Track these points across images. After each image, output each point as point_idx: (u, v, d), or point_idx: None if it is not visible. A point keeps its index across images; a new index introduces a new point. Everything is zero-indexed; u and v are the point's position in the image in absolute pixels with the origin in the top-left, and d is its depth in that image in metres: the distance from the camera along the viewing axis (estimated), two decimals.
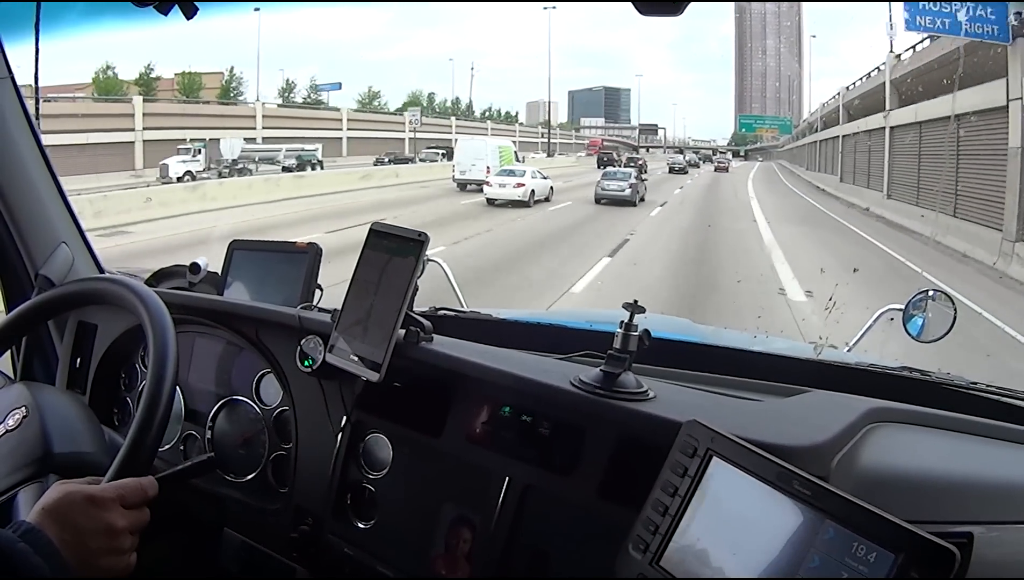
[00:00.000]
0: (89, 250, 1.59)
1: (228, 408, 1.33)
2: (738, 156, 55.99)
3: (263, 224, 12.71)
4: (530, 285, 8.54)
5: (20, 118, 1.47)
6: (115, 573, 0.81)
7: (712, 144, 63.00)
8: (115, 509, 0.82)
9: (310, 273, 1.44)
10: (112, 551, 0.81)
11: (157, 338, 1.05)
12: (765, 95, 66.46)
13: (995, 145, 12.34)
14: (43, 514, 0.79)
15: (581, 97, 76.04)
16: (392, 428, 1.13)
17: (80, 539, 0.78)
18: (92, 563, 0.79)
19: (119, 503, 0.83)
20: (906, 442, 0.94)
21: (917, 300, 1.42)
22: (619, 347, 0.96)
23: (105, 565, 0.80)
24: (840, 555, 0.66)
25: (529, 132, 54.73)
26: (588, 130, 65.00)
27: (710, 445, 0.77)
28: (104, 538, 0.80)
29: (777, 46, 64.41)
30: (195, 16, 1.19)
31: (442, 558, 1.04)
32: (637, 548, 0.77)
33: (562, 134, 60.52)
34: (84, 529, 0.79)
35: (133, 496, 0.85)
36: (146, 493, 0.87)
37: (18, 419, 1.08)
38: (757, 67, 66.72)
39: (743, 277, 8.81)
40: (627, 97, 76.52)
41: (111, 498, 0.83)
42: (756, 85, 66.90)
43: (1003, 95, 11.71)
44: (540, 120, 59.87)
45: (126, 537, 0.83)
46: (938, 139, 15.01)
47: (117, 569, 0.81)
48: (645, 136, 60.99)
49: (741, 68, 68.37)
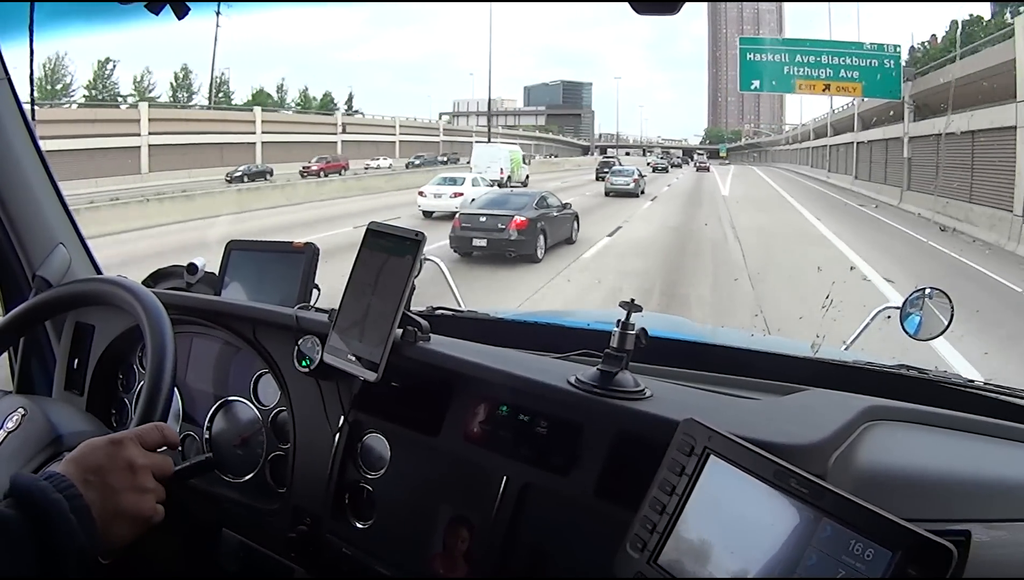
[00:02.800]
0: (86, 251, 1.59)
1: (226, 408, 1.33)
2: (717, 157, 52.87)
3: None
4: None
5: (17, 119, 1.47)
6: (140, 513, 0.81)
7: (684, 143, 60.57)
8: (134, 447, 0.83)
9: (307, 273, 1.44)
10: (135, 488, 0.81)
11: (155, 338, 1.05)
12: (742, 96, 65.14)
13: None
14: (67, 463, 0.80)
15: (537, 93, 69.57)
16: (390, 428, 1.13)
17: (102, 478, 0.79)
18: (116, 502, 0.79)
19: (138, 442, 0.84)
20: (903, 440, 0.94)
21: (914, 298, 1.42)
22: (616, 346, 0.96)
23: (128, 504, 0.80)
24: (837, 553, 0.66)
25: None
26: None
27: (707, 444, 0.77)
28: (125, 475, 0.81)
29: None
30: (186, 16, 1.19)
31: (440, 557, 1.04)
32: (635, 547, 0.77)
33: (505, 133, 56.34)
34: (105, 467, 0.80)
35: (150, 436, 0.87)
36: (163, 434, 0.89)
37: (17, 420, 1.08)
38: (732, 85, 65.48)
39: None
40: (588, 92, 70.71)
41: (130, 437, 0.84)
42: (732, 87, 65.67)
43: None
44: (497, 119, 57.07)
45: (147, 475, 0.83)
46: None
47: (142, 508, 0.81)
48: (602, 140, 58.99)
49: (715, 67, 66.88)
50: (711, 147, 60.40)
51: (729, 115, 67.16)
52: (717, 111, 68.48)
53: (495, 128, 54.83)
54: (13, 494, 0.73)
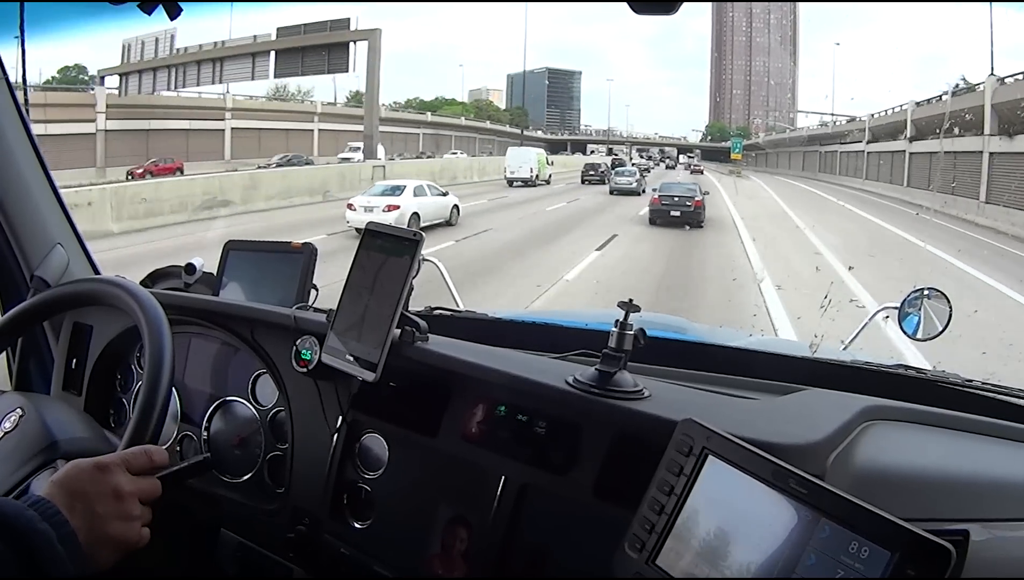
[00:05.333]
0: (85, 251, 1.59)
1: (224, 409, 1.33)
2: (720, 160, 40.92)
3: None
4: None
5: (14, 119, 1.47)
6: (126, 541, 0.81)
7: (682, 141, 53.60)
8: (121, 473, 0.83)
9: (305, 273, 1.44)
10: (121, 516, 0.80)
11: (153, 339, 1.05)
12: (749, 92, 61.55)
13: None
14: (52, 486, 0.79)
15: (521, 82, 61.85)
16: (388, 428, 1.13)
17: (88, 505, 0.78)
18: (102, 529, 0.78)
19: (124, 467, 0.84)
20: (902, 440, 0.94)
21: (912, 298, 1.42)
22: (614, 346, 0.96)
23: (115, 532, 0.79)
24: (836, 553, 0.66)
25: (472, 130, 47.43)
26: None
27: (706, 443, 0.77)
28: (111, 502, 0.80)
29: (767, 44, 60.41)
30: (178, 16, 1.19)
31: (439, 557, 1.04)
32: (633, 547, 0.77)
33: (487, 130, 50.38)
34: (91, 494, 0.79)
35: (137, 461, 0.86)
36: (151, 459, 0.88)
37: (15, 421, 1.08)
38: (739, 66, 62.10)
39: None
40: (577, 81, 63.90)
41: (116, 463, 0.83)
42: (738, 83, 62.40)
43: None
44: (483, 108, 52.27)
45: (134, 502, 0.82)
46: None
47: (128, 536, 0.81)
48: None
49: (719, 66, 63.97)
50: (714, 145, 51.57)
51: (734, 109, 63.65)
52: (720, 102, 64.68)
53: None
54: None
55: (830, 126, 35.01)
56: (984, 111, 18.10)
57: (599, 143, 52.39)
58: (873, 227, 15.96)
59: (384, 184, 15.46)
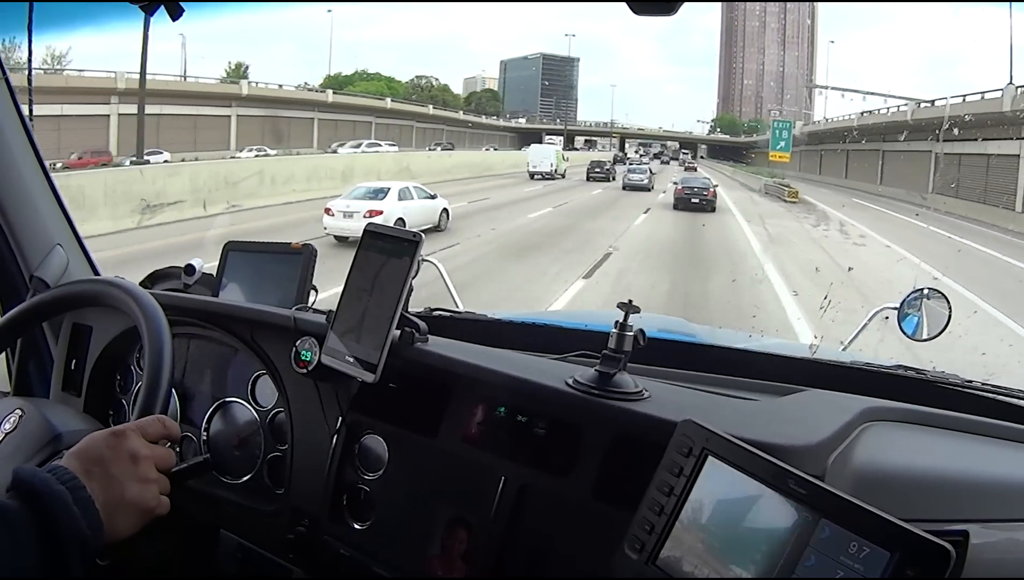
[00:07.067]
0: (84, 252, 1.59)
1: (223, 410, 1.32)
2: (732, 158, 38.24)
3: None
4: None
5: (15, 120, 1.47)
6: (145, 504, 0.81)
7: (690, 135, 50.54)
8: (136, 438, 0.83)
9: (305, 274, 1.44)
10: (137, 478, 0.81)
11: (152, 340, 1.05)
12: (760, 92, 58.81)
13: None
14: (68, 456, 0.80)
15: (514, 67, 58.27)
16: (388, 429, 1.12)
17: (104, 468, 0.79)
18: (119, 492, 0.79)
19: (139, 433, 0.85)
20: (901, 441, 0.94)
21: (912, 299, 1.42)
22: (614, 347, 0.96)
23: (132, 495, 0.80)
24: (836, 554, 0.66)
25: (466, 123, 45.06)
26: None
27: (705, 444, 0.77)
28: (127, 464, 0.81)
29: (780, 41, 57.54)
30: (180, 17, 1.20)
31: (438, 558, 1.04)
32: (633, 548, 0.77)
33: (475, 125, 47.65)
34: (106, 458, 0.80)
35: (152, 428, 0.87)
36: (165, 426, 0.89)
37: (15, 421, 1.08)
38: (750, 66, 59.78)
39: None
40: (574, 69, 58.88)
41: (131, 428, 0.85)
42: (748, 84, 59.91)
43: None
44: (477, 94, 50.10)
45: (150, 466, 0.83)
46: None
47: (146, 499, 0.81)
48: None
49: (728, 64, 62.53)
50: (724, 140, 47.85)
51: (744, 101, 61.48)
52: (731, 93, 62.51)
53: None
54: (15, 486, 0.73)
55: (910, 112, 23.60)
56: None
57: (595, 135, 50.85)
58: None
59: (366, 186, 13.41)
